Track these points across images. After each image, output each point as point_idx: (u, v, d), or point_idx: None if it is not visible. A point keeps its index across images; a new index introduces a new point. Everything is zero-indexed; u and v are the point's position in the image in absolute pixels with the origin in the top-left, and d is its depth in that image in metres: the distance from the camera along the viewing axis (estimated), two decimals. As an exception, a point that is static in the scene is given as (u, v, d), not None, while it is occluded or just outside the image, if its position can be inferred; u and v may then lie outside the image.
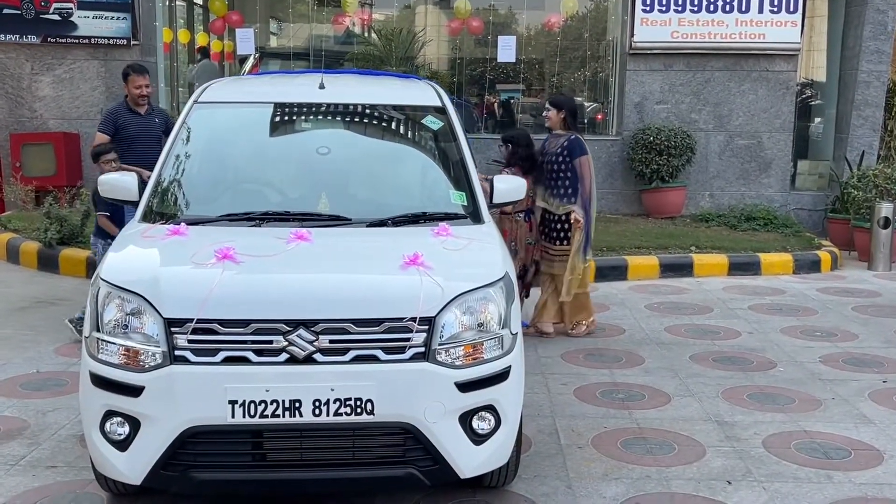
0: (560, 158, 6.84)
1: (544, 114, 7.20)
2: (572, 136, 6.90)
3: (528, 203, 6.79)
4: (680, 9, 11.69)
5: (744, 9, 11.63)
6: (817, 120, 13.27)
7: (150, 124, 7.18)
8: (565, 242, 6.83)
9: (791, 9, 11.60)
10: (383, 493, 4.14)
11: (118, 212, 6.27)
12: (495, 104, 15.16)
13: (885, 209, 9.87)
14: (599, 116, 13.68)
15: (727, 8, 11.63)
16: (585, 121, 13.94)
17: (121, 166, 6.21)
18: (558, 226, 6.87)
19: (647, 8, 11.68)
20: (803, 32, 11.91)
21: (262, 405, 3.48)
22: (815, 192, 12.22)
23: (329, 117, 5.29)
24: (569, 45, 14.85)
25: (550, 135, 7.12)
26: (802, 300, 8.44)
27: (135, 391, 3.55)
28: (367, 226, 4.35)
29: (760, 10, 11.63)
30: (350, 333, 3.57)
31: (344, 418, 3.51)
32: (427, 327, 3.62)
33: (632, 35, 11.75)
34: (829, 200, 11.63)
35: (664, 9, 11.69)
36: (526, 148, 7.00)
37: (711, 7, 11.66)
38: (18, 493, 4.17)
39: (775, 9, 11.62)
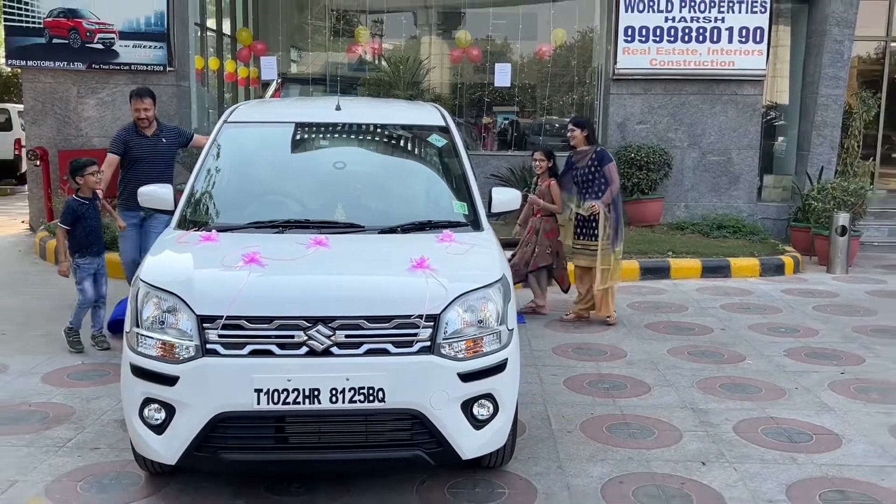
0: (592, 168, 7.11)
1: (569, 134, 7.36)
2: (598, 148, 7.28)
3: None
4: (658, 39, 11.70)
5: (715, 39, 11.64)
6: (781, 139, 13.26)
7: (157, 145, 6.81)
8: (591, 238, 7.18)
9: (757, 39, 11.61)
10: (393, 472, 4.13)
11: (78, 227, 6.03)
12: (491, 124, 15.16)
13: (842, 218, 9.87)
14: (586, 136, 13.66)
15: (700, 38, 11.64)
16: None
17: (99, 179, 6.22)
18: (595, 224, 7.09)
19: (629, 38, 11.69)
20: (768, 60, 11.92)
21: (285, 393, 3.49)
22: (780, 203, 12.21)
23: (344, 135, 5.30)
24: (558, 72, 14.86)
25: (575, 151, 7.33)
26: (768, 300, 8.43)
27: (170, 380, 3.57)
28: (379, 233, 4.36)
29: (730, 41, 11.65)
30: (363, 329, 3.58)
31: (358, 405, 3.52)
32: (432, 324, 3.63)
33: (615, 63, 11.75)
34: (791, 211, 11.62)
35: (644, 39, 11.70)
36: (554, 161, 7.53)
37: (686, 38, 11.66)
38: (66, 471, 4.18)
39: (743, 39, 11.63)
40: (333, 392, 3.50)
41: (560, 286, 7.70)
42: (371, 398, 3.51)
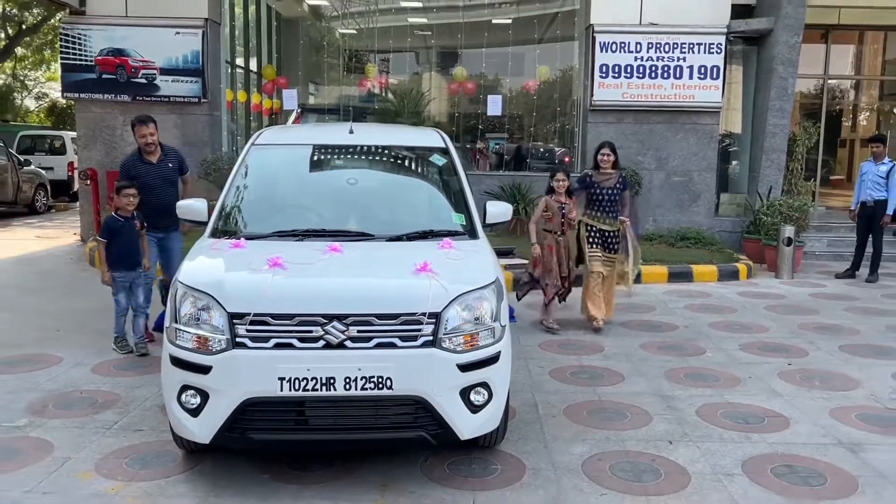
0: (616, 190, 6.88)
1: (603, 158, 6.93)
2: (623, 175, 7.13)
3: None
4: (629, 76, 11.72)
5: (678, 76, 11.67)
6: (735, 162, 13.27)
7: (163, 170, 6.22)
8: (615, 253, 6.98)
9: (714, 76, 11.65)
10: (399, 451, 4.11)
11: (113, 242, 5.75)
12: (485, 148, 15.18)
13: (787, 231, 9.88)
14: (567, 159, 13.67)
15: (665, 75, 11.67)
16: (557, 162, 13.97)
17: (133, 202, 5.81)
18: (615, 239, 6.92)
19: (604, 75, 11.71)
20: (723, 94, 11.94)
21: (304, 381, 3.48)
22: (734, 217, 12.20)
23: (356, 156, 5.29)
24: (543, 103, 14.88)
25: (598, 172, 6.98)
26: (725, 301, 8.41)
27: (205, 370, 3.55)
28: (387, 240, 4.34)
29: (690, 77, 11.68)
30: (373, 325, 3.56)
31: (369, 392, 3.50)
32: (434, 320, 3.61)
33: (591, 96, 11.76)
34: (744, 224, 11.61)
35: (616, 76, 11.72)
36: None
37: (653, 74, 11.69)
38: (112, 450, 4.16)
39: (702, 76, 11.67)
40: (347, 380, 3.48)
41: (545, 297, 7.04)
42: (380, 386, 3.50)
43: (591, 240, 6.95)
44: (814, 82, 14.52)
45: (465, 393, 3.65)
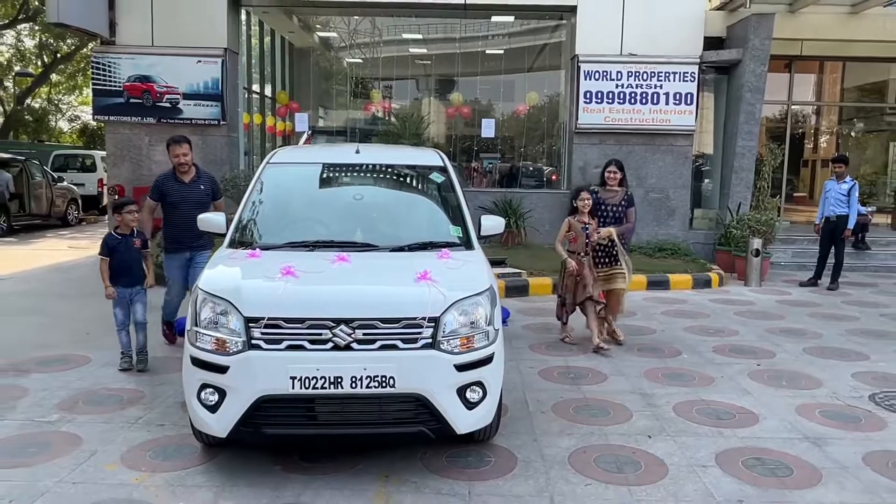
0: (621, 207, 6.50)
1: (610, 175, 6.56)
2: (629, 192, 6.66)
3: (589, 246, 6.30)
4: (610, 101, 11.76)
5: (655, 102, 11.70)
6: (707, 180, 13.29)
7: (194, 191, 5.83)
8: (616, 264, 6.40)
9: (688, 102, 11.69)
10: (401, 444, 4.09)
11: (113, 259, 5.38)
12: (479, 167, 15.20)
13: (755, 243, 9.89)
14: (555, 177, 13.70)
15: (643, 101, 11.70)
16: (545, 180, 13.99)
17: (137, 217, 5.46)
18: (613, 250, 6.38)
19: (587, 101, 11.74)
20: (697, 119, 11.98)
21: (314, 380, 3.47)
22: (707, 230, 12.21)
23: (362, 173, 5.27)
24: (532, 126, 14.93)
25: (604, 189, 6.58)
26: (699, 307, 8.40)
27: (222, 369, 3.54)
28: (390, 251, 4.32)
29: (667, 103, 11.70)
30: (377, 328, 3.55)
31: (373, 390, 3.49)
32: (433, 324, 3.60)
33: (576, 119, 11.78)
34: (716, 237, 11.62)
35: (599, 101, 11.76)
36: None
37: (632, 100, 11.72)
38: (137, 443, 4.14)
39: (677, 102, 11.70)
40: (353, 379, 3.47)
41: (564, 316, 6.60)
42: (383, 384, 3.48)
43: (596, 260, 6.43)
44: (779, 108, 14.57)
45: (461, 391, 3.64)
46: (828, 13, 12.61)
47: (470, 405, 3.67)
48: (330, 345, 3.52)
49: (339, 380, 3.46)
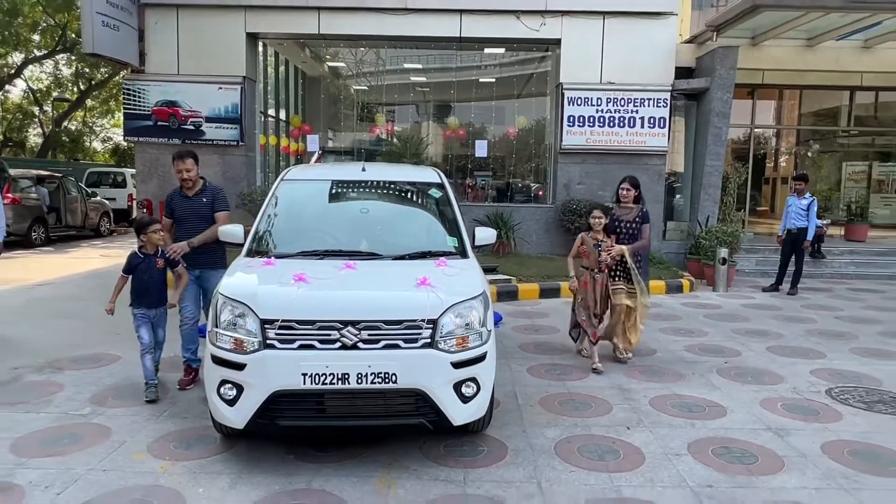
0: (636, 224, 5.88)
1: (624, 192, 5.95)
2: (644, 209, 5.97)
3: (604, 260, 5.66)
4: (591, 125, 11.80)
5: (631, 125, 11.74)
6: (678, 196, 13.31)
7: (198, 205, 5.12)
8: (628, 283, 5.79)
9: (661, 126, 11.73)
10: (402, 435, 4.07)
11: (134, 278, 4.79)
12: (473, 184, 15.20)
13: (722, 252, 9.89)
14: (541, 193, 13.70)
15: (621, 124, 11.74)
16: (532, 196, 14.00)
17: (162, 236, 4.90)
18: (626, 265, 5.78)
19: (571, 124, 11.78)
20: (669, 140, 12.02)
21: (323, 376, 3.45)
22: (679, 241, 12.22)
23: (368, 189, 5.27)
24: (521, 147, 14.93)
25: (619, 206, 6.02)
26: (672, 310, 8.40)
27: (240, 367, 3.53)
28: (393, 259, 4.32)
29: (642, 126, 11.75)
30: (381, 329, 3.54)
31: (377, 385, 3.48)
32: (432, 326, 3.60)
33: (561, 141, 11.81)
34: (687, 247, 11.63)
35: (581, 125, 11.80)
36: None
37: (611, 124, 11.77)
38: (162, 434, 4.12)
39: (651, 126, 11.74)
40: (359, 375, 3.46)
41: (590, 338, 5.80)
42: (387, 380, 3.47)
43: (612, 274, 5.81)
44: (743, 131, 14.64)
45: (457, 386, 3.63)
46: (786, 46, 12.71)
47: (465, 399, 3.66)
48: (338, 344, 3.51)
49: (347, 376, 3.45)
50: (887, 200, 15.95)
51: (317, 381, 3.44)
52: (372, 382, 3.46)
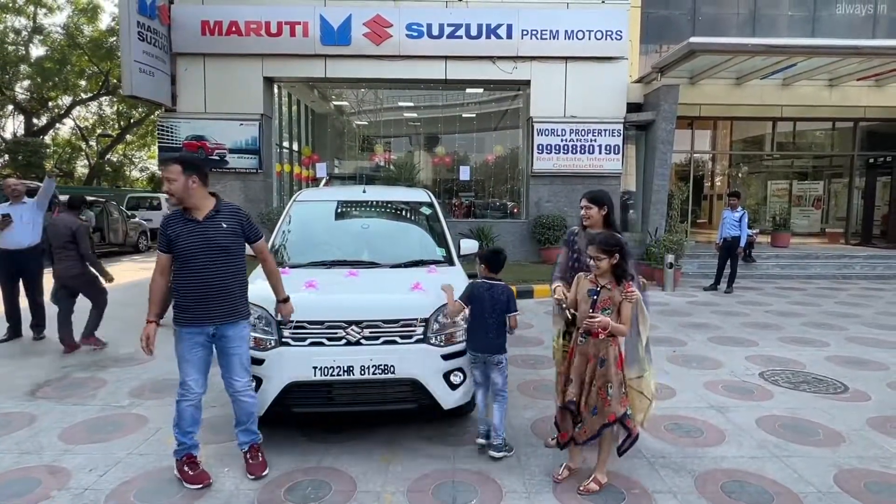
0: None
1: (584, 211, 3.55)
2: (622, 245, 3.23)
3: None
4: (557, 152, 11.89)
5: (591, 152, 11.86)
6: (632, 211, 13.41)
7: (210, 232, 3.10)
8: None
9: (616, 152, 11.86)
10: (400, 419, 4.03)
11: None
12: (458, 203, 15.22)
13: (669, 258, 9.94)
14: (516, 210, 13.76)
15: (582, 151, 11.87)
16: (508, 212, 14.02)
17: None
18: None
19: (540, 152, 11.86)
20: (623, 164, 12.13)
21: (331, 369, 3.41)
22: (633, 249, 12.29)
23: (368, 208, 5.26)
24: (498, 171, 15.01)
25: (585, 232, 3.53)
26: (628, 308, 8.39)
27: (259, 362, 3.48)
28: (390, 267, 4.29)
29: (600, 153, 11.87)
30: (381, 327, 3.51)
31: (378, 376, 3.44)
32: (425, 323, 3.57)
33: (532, 166, 11.89)
34: (640, 254, 11.71)
35: (549, 152, 11.89)
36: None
37: (574, 151, 11.88)
38: (191, 422, 4.01)
39: (607, 152, 11.87)
40: (362, 368, 3.43)
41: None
42: (386, 371, 3.44)
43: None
44: (684, 155, 14.78)
45: (446, 375, 3.60)
46: (719, 84, 12.88)
47: (453, 387, 3.63)
48: (344, 341, 3.48)
49: (351, 368, 3.42)
50: (805, 212, 16.23)
51: (326, 373, 3.41)
52: (373, 373, 3.43)
